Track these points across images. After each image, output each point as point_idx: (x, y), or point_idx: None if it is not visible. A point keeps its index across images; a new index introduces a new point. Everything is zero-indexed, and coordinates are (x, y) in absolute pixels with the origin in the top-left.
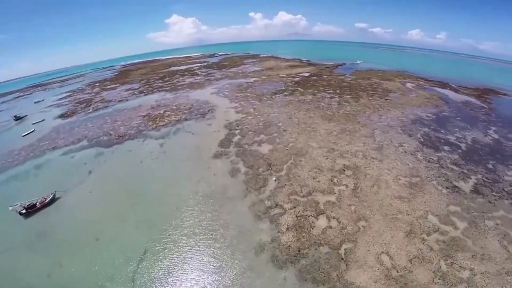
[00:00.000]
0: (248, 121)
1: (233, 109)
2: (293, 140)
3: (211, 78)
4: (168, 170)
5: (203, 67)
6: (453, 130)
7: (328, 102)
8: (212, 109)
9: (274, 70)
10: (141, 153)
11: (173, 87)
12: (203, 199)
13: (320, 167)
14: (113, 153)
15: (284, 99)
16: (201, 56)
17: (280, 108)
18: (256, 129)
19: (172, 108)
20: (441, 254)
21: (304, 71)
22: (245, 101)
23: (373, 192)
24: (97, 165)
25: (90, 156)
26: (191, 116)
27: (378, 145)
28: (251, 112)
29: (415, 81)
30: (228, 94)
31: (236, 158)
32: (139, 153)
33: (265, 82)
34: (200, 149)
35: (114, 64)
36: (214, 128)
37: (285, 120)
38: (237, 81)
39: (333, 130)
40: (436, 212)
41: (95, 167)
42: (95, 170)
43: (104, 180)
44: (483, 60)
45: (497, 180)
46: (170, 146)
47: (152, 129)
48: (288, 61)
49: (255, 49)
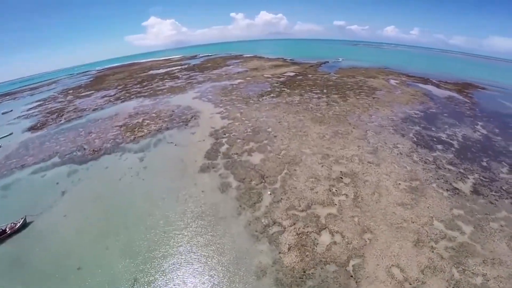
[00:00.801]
0: (236, 127)
1: (218, 114)
2: (285, 147)
3: (193, 81)
4: (151, 188)
5: (184, 70)
6: (443, 127)
7: (317, 102)
8: (196, 116)
9: (258, 71)
10: (119, 169)
11: (152, 92)
12: (193, 221)
13: (316, 176)
14: (88, 171)
15: (271, 101)
16: (182, 58)
17: (268, 112)
18: (244, 137)
19: (152, 115)
20: (452, 262)
21: (288, 70)
22: (231, 105)
23: (375, 200)
24: (71, 184)
25: (63, 175)
26: (172, 125)
27: (373, 147)
28: (238, 117)
29: (397, 77)
30: (212, 98)
31: (225, 171)
32: (117, 169)
33: (251, 83)
34: (185, 163)
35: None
36: (199, 137)
37: (275, 125)
38: (221, 84)
39: (325, 133)
40: (441, 218)
41: (68, 187)
42: (69, 190)
43: (80, 202)
44: (454, 54)
45: (493, 179)
46: (151, 161)
47: (130, 141)
48: (272, 60)
49: (238, 49)
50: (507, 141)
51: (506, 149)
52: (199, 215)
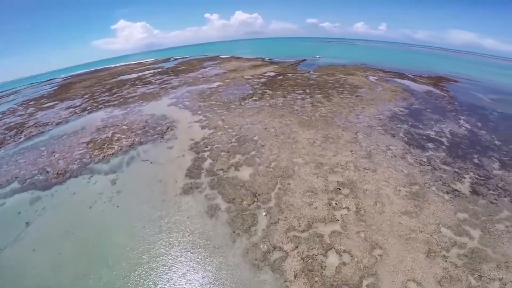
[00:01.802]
0: (218, 137)
1: (197, 123)
2: (275, 157)
3: (167, 86)
4: (128, 217)
5: (157, 74)
6: (429, 124)
7: (301, 104)
8: (172, 126)
9: (237, 72)
10: (88, 195)
11: (122, 100)
12: (182, 254)
13: (313, 189)
14: (53, 197)
15: (254, 105)
16: (155, 61)
17: (253, 117)
18: (229, 148)
19: (123, 128)
20: (467, 269)
21: (268, 70)
22: (211, 112)
23: (378, 211)
24: (35, 214)
25: (25, 203)
26: (146, 138)
27: (366, 151)
28: (220, 125)
29: (375, 73)
30: (189, 104)
31: (211, 191)
32: (87, 195)
33: (230, 86)
34: (164, 184)
35: (54, 76)
36: (177, 152)
37: (261, 132)
38: (198, 88)
39: (315, 138)
40: (448, 224)
41: (33, 216)
42: (34, 220)
43: (48, 234)
44: (420, 48)
45: (488, 176)
46: (125, 183)
47: (99, 161)
48: (251, 60)
49: (214, 50)
50: (491, 135)
51: (491, 143)
52: (188, 246)
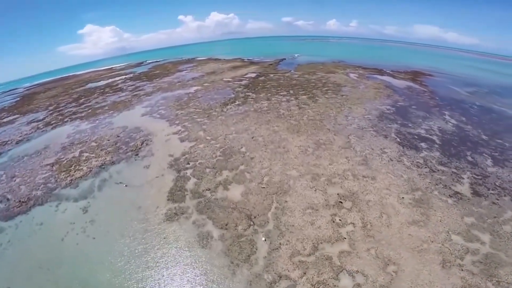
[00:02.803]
0: (201, 151)
1: (175, 135)
2: (267, 171)
3: (140, 93)
4: (107, 251)
5: (129, 80)
6: (418, 121)
7: (287, 107)
8: (147, 140)
9: (216, 74)
10: (58, 226)
11: (90, 111)
12: None
13: (312, 205)
14: (17, 229)
15: (237, 110)
16: (126, 66)
17: (237, 125)
18: (214, 164)
19: (91, 146)
20: (485, 276)
21: (249, 71)
22: (190, 121)
23: (385, 224)
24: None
25: None
26: (118, 156)
27: (362, 156)
28: (202, 136)
29: (355, 70)
30: (165, 113)
31: (199, 216)
32: (56, 226)
33: (210, 90)
34: (144, 210)
35: (16, 86)
36: (155, 172)
37: (248, 142)
38: (174, 94)
39: (307, 146)
40: (457, 230)
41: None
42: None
43: (19, 271)
44: (390, 43)
45: (484, 174)
46: (99, 211)
47: (66, 185)
48: (229, 62)
49: (190, 53)
50: (477, 129)
51: (479, 138)
52: (183, 284)
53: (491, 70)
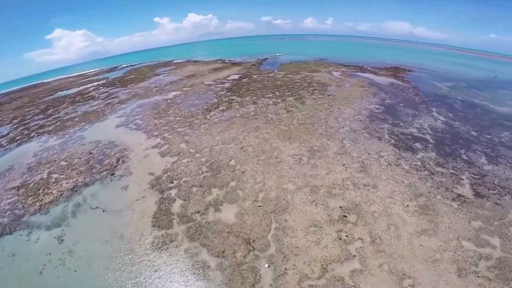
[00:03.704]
0: (185, 167)
1: (155, 149)
2: (261, 186)
3: (114, 101)
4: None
5: (102, 86)
6: (408, 120)
7: (275, 110)
8: (123, 156)
9: (196, 77)
10: (33, 257)
11: (59, 124)
12: None
13: (315, 222)
14: None
15: (222, 116)
16: (99, 71)
17: (223, 134)
18: (201, 181)
19: (61, 165)
20: (501, 281)
21: (231, 73)
22: (170, 132)
23: (394, 236)
24: None
25: None
26: (92, 177)
27: (359, 163)
28: (184, 149)
29: (337, 69)
30: (141, 123)
31: (191, 243)
32: (31, 257)
33: (190, 95)
34: (127, 239)
35: None
36: (135, 194)
37: (237, 154)
38: (151, 100)
39: (301, 154)
40: (466, 236)
41: None
42: None
43: None
44: (364, 40)
45: (482, 173)
46: (76, 240)
47: (36, 211)
48: (210, 63)
49: (167, 55)
50: (465, 125)
51: (469, 134)
52: None
53: (461, 63)
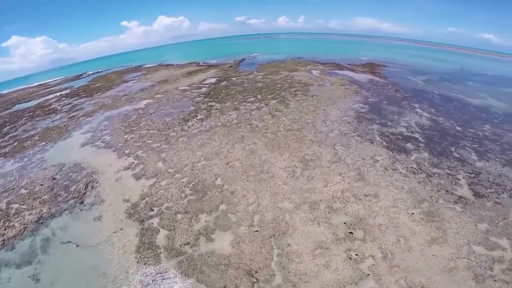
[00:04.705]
0: (164, 191)
1: (128, 171)
2: (255, 207)
3: (79, 113)
4: None
5: (65, 97)
6: (394, 118)
7: (259, 116)
8: (92, 181)
9: (170, 83)
10: None
11: (16, 145)
12: None
13: (321, 243)
14: None
15: (202, 127)
16: (63, 80)
17: (205, 148)
18: (186, 206)
19: (21, 193)
20: None
21: (207, 76)
22: (144, 148)
23: (405, 248)
24: None
25: None
26: (58, 206)
27: (355, 170)
28: (162, 169)
29: (315, 67)
30: (110, 140)
31: (187, 281)
32: None
33: (164, 103)
34: (111, 278)
35: None
36: (111, 225)
37: (223, 171)
38: (121, 111)
39: (293, 166)
40: (476, 240)
41: None
42: None
43: None
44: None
45: (476, 171)
46: (54, 280)
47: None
48: (183, 67)
49: (137, 59)
50: (449, 121)
51: (454, 129)
52: None
53: (427, 56)
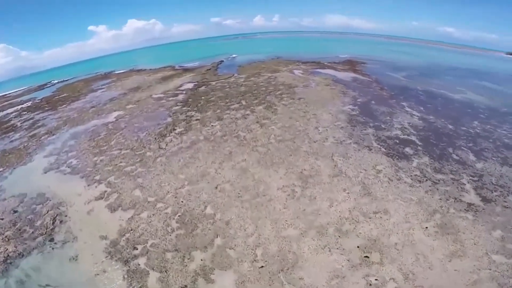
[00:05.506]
0: (146, 225)
1: (100, 201)
2: (255, 239)
3: (41, 131)
4: None
5: (26, 111)
6: (387, 120)
7: (246, 126)
8: (59, 214)
9: (143, 90)
10: None
11: None
12: None
13: (336, 272)
14: None
15: (182, 143)
16: (26, 90)
17: (188, 169)
18: (175, 243)
19: None
20: None
21: (184, 81)
22: (117, 173)
23: (426, 266)
24: None
25: None
26: (25, 243)
27: (360, 184)
28: (140, 198)
29: (297, 66)
30: (77, 163)
31: None
32: None
33: (137, 115)
34: None
35: None
36: (91, 267)
37: (213, 196)
38: (88, 127)
39: (292, 184)
40: (494, 249)
41: None
42: None
43: None
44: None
45: (478, 174)
46: None
47: None
48: (157, 71)
49: (107, 65)
50: (440, 119)
51: (447, 128)
52: None
53: (399, 51)
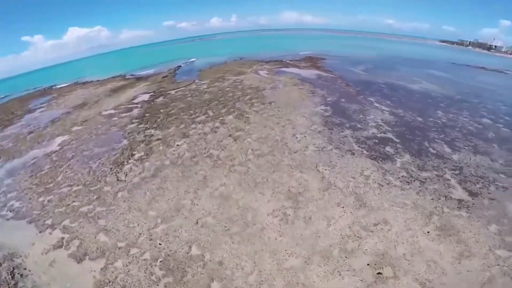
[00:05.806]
0: (126, 275)
1: (60, 249)
2: (256, 277)
3: None
4: None
5: None
6: (360, 118)
7: (218, 142)
8: (17, 267)
9: (90, 107)
10: None
11: None
12: None
13: None
14: None
15: (144, 170)
16: None
17: (157, 203)
18: None
19: None
20: None
21: (138, 92)
22: (71, 215)
23: (440, 272)
24: None
25: None
26: None
27: (352, 195)
28: (107, 243)
29: (261, 66)
30: (21, 206)
31: None
32: None
33: (85, 139)
34: None
35: None
36: None
37: (195, 234)
38: (27, 160)
39: (282, 207)
40: (495, 244)
41: None
42: None
43: None
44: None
45: (457, 166)
46: None
47: None
48: (106, 82)
49: (47, 79)
50: (407, 112)
51: (418, 121)
52: None
53: (351, 44)
